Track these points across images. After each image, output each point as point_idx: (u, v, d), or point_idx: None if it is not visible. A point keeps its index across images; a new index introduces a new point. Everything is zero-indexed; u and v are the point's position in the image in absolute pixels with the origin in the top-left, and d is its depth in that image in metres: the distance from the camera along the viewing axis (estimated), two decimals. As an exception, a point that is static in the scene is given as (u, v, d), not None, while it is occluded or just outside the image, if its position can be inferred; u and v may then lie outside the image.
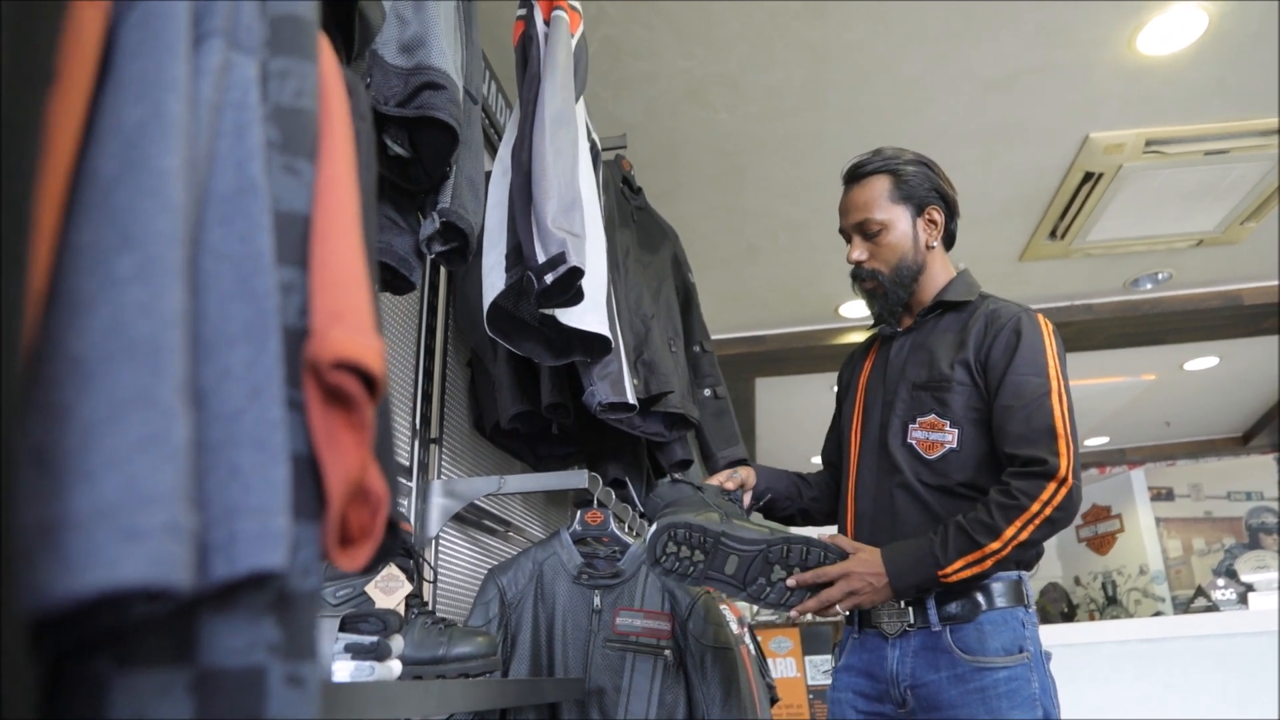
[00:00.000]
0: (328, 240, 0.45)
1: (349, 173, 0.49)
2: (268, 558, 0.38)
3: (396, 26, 0.97)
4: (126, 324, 0.34)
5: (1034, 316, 1.31)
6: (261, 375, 0.41)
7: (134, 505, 0.31)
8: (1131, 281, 3.69)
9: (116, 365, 0.33)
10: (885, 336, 1.47)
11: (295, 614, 0.42)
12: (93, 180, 0.36)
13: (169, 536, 0.32)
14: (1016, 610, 1.23)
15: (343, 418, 0.43)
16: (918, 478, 1.29)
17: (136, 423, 0.33)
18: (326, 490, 0.43)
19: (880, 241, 1.39)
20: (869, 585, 1.19)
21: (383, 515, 0.46)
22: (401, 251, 1.08)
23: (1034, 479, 1.17)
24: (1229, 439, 6.03)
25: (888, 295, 1.40)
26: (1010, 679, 1.18)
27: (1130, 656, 2.79)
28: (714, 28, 2.15)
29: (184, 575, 0.32)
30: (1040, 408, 1.21)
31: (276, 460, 0.40)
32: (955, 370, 1.30)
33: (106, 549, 0.31)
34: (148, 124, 0.36)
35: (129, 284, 0.34)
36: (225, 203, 0.42)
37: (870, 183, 1.41)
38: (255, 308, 0.41)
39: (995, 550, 1.15)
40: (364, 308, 0.45)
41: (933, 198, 1.41)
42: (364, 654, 1.03)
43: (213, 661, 0.39)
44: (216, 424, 0.40)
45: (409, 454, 1.64)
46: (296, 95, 0.47)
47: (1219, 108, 2.55)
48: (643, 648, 1.65)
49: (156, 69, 0.38)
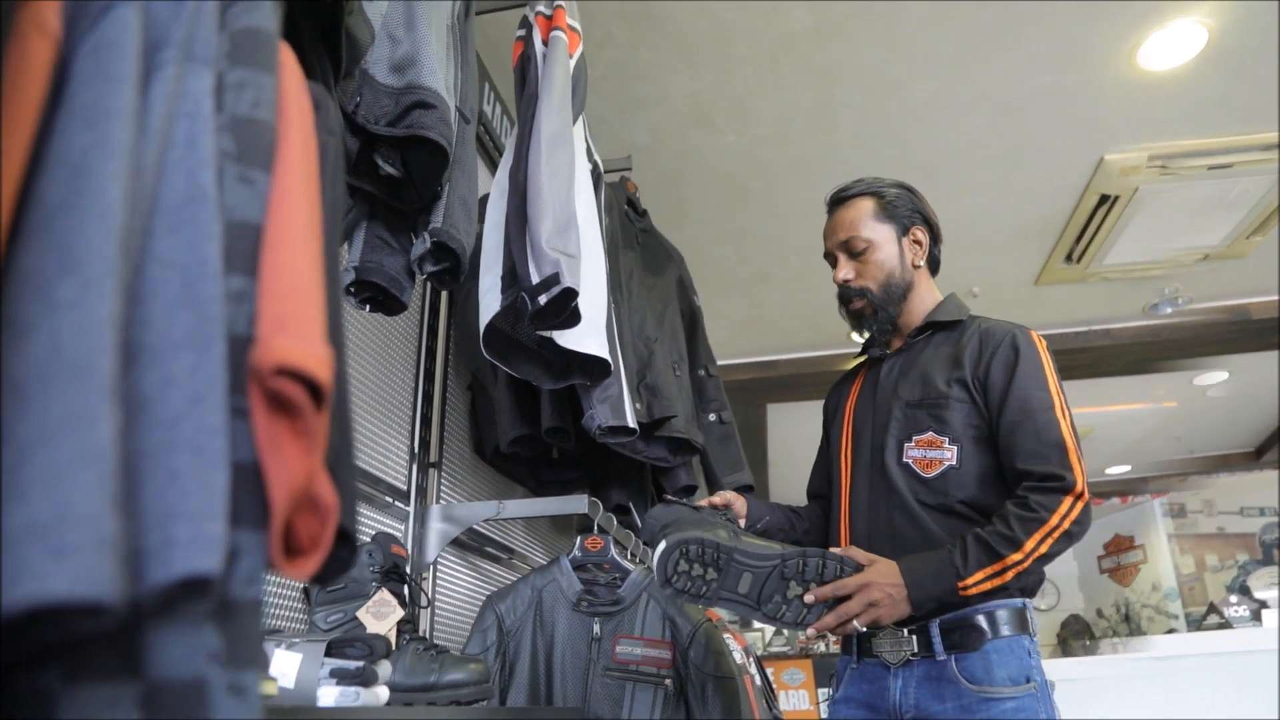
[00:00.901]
0: (278, 249, 0.45)
1: (306, 183, 0.49)
2: (202, 562, 0.38)
3: (388, 46, 0.99)
4: (63, 347, 0.34)
5: (1028, 333, 1.31)
6: (203, 382, 0.40)
7: (63, 523, 0.32)
8: (1151, 306, 3.64)
9: (52, 387, 0.33)
10: (873, 360, 1.45)
11: (237, 623, 0.41)
12: (40, 206, 0.36)
13: (97, 553, 0.32)
14: (1022, 639, 1.21)
15: (287, 425, 0.43)
16: (916, 497, 1.26)
17: (69, 443, 0.33)
18: (270, 498, 0.42)
19: (867, 259, 1.39)
20: (888, 596, 1.15)
21: (331, 525, 0.46)
22: (393, 271, 1.08)
23: (1051, 493, 1.16)
24: (1241, 454, 5.90)
25: (878, 313, 1.39)
26: (1018, 710, 1.15)
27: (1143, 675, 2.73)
28: (721, 50, 2.16)
29: (112, 590, 0.32)
30: (1049, 422, 1.20)
31: (215, 466, 0.39)
32: (952, 388, 1.28)
33: (35, 565, 0.31)
34: (92, 152, 0.37)
35: (69, 309, 0.35)
36: (173, 211, 0.42)
37: (854, 204, 1.42)
38: (200, 315, 0.41)
39: (1017, 562, 1.13)
40: (312, 317, 0.44)
41: (916, 219, 1.42)
42: (349, 679, 1.02)
43: (159, 674, 0.39)
44: (156, 430, 0.39)
45: (407, 478, 1.64)
46: (253, 106, 0.47)
47: (1221, 122, 2.54)
48: (643, 676, 1.62)
49: (105, 97, 0.38)
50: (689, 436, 1.77)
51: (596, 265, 1.46)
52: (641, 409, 1.72)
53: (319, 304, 0.45)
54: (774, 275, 3.28)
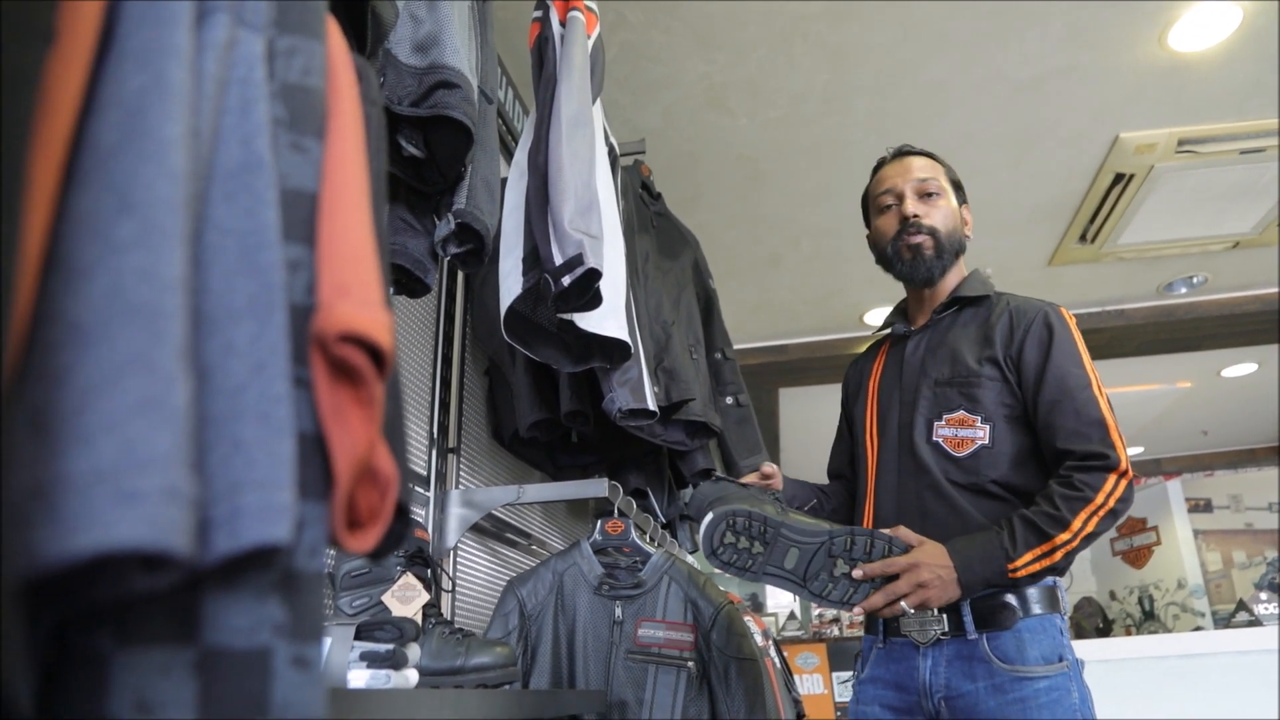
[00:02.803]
0: (335, 217, 0.44)
1: (357, 151, 0.48)
2: (271, 531, 0.37)
3: (410, 26, 0.98)
4: (125, 289, 0.33)
5: (1059, 311, 1.30)
6: (265, 350, 0.40)
7: (131, 468, 0.31)
8: (1165, 285, 3.61)
9: (115, 330, 0.33)
10: (898, 336, 1.44)
11: (301, 594, 0.41)
12: (94, 148, 0.36)
13: (166, 500, 0.31)
14: (1054, 617, 1.20)
15: (350, 394, 0.42)
16: (947, 477, 1.25)
17: (134, 386, 0.32)
18: (334, 468, 0.42)
19: (937, 205, 1.40)
20: (938, 578, 1.14)
21: (392, 496, 0.45)
22: (416, 254, 1.08)
23: (1096, 472, 1.15)
24: (1269, 448, 5.86)
25: (940, 254, 1.37)
26: (1051, 689, 1.14)
27: (1169, 673, 2.71)
28: (734, 32, 2.15)
29: (182, 540, 0.32)
30: (1088, 400, 1.20)
31: (281, 435, 0.39)
32: (984, 366, 1.27)
33: (102, 511, 0.30)
34: (149, 92, 0.36)
35: (129, 250, 0.34)
36: (230, 178, 0.42)
37: (925, 159, 1.45)
38: (260, 283, 0.41)
39: (1066, 541, 1.12)
40: (372, 282, 0.44)
41: (965, 199, 1.46)
42: (380, 662, 1.02)
43: (217, 641, 0.38)
44: (220, 399, 0.39)
45: (426, 463, 1.64)
46: (304, 73, 0.46)
47: (1255, 106, 2.50)
48: (665, 659, 1.62)
49: (159, 39, 0.37)
50: (707, 420, 1.77)
51: (616, 247, 1.45)
52: (660, 392, 1.71)
53: (377, 270, 0.45)
54: (786, 258, 3.27)
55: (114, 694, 0.36)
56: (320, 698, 0.41)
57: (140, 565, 0.33)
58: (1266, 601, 3.37)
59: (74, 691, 0.36)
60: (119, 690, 0.36)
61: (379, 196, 0.54)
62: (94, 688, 0.36)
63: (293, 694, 0.39)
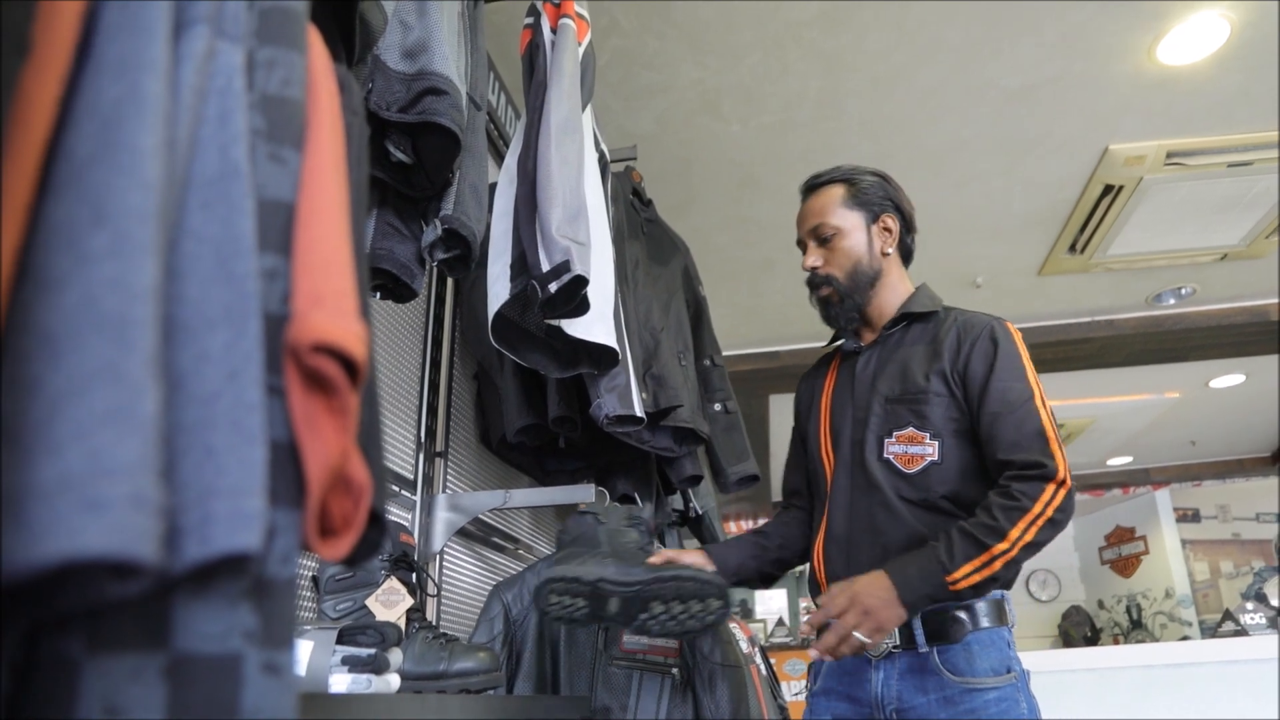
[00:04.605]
0: (312, 226, 0.45)
1: (336, 162, 0.49)
2: (241, 539, 0.38)
3: (399, 32, 0.98)
4: (97, 299, 0.34)
5: (1005, 325, 1.32)
6: (239, 358, 0.40)
7: (97, 476, 0.31)
8: (1154, 296, 3.64)
9: (85, 339, 0.33)
10: (848, 352, 1.44)
11: (273, 601, 0.41)
12: (69, 159, 0.36)
13: (132, 507, 0.31)
14: (1001, 630, 1.22)
15: (323, 403, 0.42)
16: (898, 493, 1.26)
17: (103, 395, 0.32)
18: (306, 476, 0.42)
19: (834, 246, 1.39)
20: (879, 600, 1.14)
21: (365, 504, 0.46)
22: (403, 259, 1.08)
23: (1033, 481, 1.16)
24: (1257, 459, 5.89)
25: (844, 301, 1.38)
26: (1000, 699, 1.17)
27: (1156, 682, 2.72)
28: (727, 37, 2.16)
29: (148, 548, 0.32)
30: (1029, 413, 1.21)
31: (253, 443, 0.39)
32: (931, 381, 1.28)
33: (68, 519, 0.30)
34: (124, 103, 0.36)
35: (101, 260, 0.34)
36: (207, 187, 0.42)
37: (825, 191, 1.43)
38: (235, 291, 0.41)
39: (1004, 551, 1.13)
40: (347, 293, 0.44)
41: (887, 206, 1.42)
42: (361, 666, 1.02)
43: (187, 647, 0.39)
44: (193, 407, 0.39)
45: (413, 467, 1.64)
46: (283, 84, 0.47)
47: (1243, 118, 2.52)
48: (650, 666, 1.62)
49: (136, 50, 0.38)
50: (695, 426, 1.77)
51: (605, 254, 1.46)
52: (648, 399, 1.71)
53: (352, 282, 0.45)
54: (778, 264, 3.28)
55: (83, 698, 0.36)
56: (291, 704, 0.41)
57: (110, 572, 0.34)
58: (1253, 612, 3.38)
59: (43, 696, 0.36)
60: (88, 695, 0.36)
61: (359, 207, 0.55)
62: (63, 692, 0.36)
63: (263, 700, 0.40)
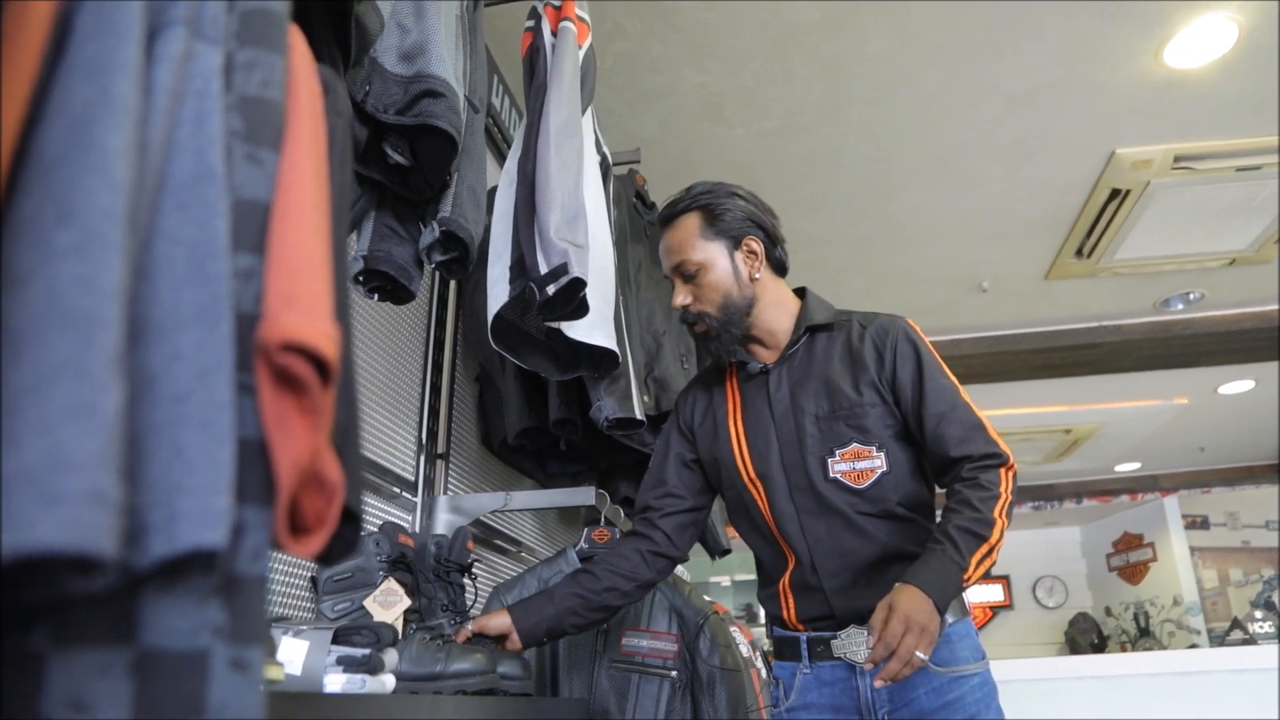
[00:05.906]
0: (287, 228, 0.45)
1: (316, 163, 0.49)
2: (207, 536, 0.38)
3: (397, 34, 0.99)
4: (62, 296, 0.34)
5: (910, 324, 1.34)
6: (211, 358, 0.41)
7: (56, 471, 0.31)
8: (1162, 302, 3.61)
9: (49, 335, 0.33)
10: (751, 373, 1.37)
11: (242, 597, 0.42)
12: (38, 158, 0.36)
13: (89, 503, 0.32)
14: (967, 620, 1.27)
15: (294, 402, 0.43)
16: (855, 509, 1.25)
17: (65, 391, 0.33)
18: (276, 474, 0.43)
19: (700, 282, 1.32)
20: (926, 615, 1.09)
21: (337, 503, 0.46)
22: (401, 261, 1.09)
23: (993, 469, 1.20)
24: (1267, 465, 5.83)
25: (722, 335, 1.33)
26: (982, 684, 1.22)
27: (1163, 690, 2.69)
28: (730, 42, 2.16)
29: (105, 543, 0.32)
30: (964, 408, 1.25)
31: (221, 441, 0.40)
32: (864, 393, 1.27)
33: (24, 513, 0.30)
34: (94, 104, 0.37)
35: (67, 257, 0.35)
36: (182, 189, 0.42)
37: (681, 223, 1.35)
38: (208, 292, 0.41)
39: (996, 540, 1.16)
40: (320, 294, 0.45)
41: (748, 228, 1.36)
42: (356, 667, 1.02)
43: (154, 643, 0.39)
44: (164, 405, 0.40)
45: (415, 469, 1.64)
46: (263, 86, 0.47)
47: (1250, 123, 2.50)
48: (649, 669, 1.62)
49: (108, 52, 0.38)
50: (696, 429, 1.77)
51: (605, 257, 1.46)
52: (649, 401, 1.72)
53: (326, 283, 0.46)
54: (782, 270, 3.27)
55: (48, 693, 0.37)
56: (258, 700, 0.41)
57: (71, 567, 0.34)
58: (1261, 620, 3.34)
59: (7, 690, 0.36)
60: (53, 690, 0.37)
61: (340, 208, 0.55)
62: (28, 686, 0.36)
63: (230, 696, 0.40)
